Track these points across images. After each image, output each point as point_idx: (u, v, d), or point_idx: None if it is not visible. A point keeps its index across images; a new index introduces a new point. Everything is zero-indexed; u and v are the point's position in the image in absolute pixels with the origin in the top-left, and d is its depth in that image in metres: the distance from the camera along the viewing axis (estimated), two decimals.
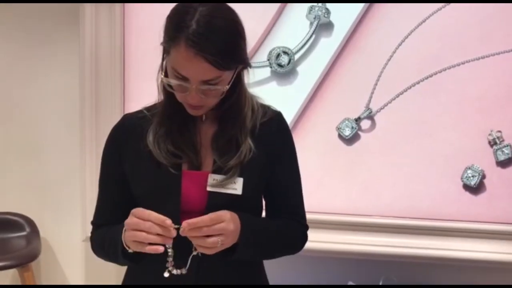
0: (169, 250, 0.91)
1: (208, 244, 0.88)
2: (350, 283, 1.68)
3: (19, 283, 1.79)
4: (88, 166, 1.70)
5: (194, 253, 0.93)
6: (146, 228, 0.88)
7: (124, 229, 0.94)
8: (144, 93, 1.57)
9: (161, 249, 0.88)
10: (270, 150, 1.02)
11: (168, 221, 0.88)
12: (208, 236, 0.89)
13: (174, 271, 0.92)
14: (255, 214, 1.06)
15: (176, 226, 0.88)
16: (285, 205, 1.05)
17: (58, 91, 1.83)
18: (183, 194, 0.97)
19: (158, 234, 0.88)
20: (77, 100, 1.73)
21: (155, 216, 0.88)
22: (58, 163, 1.85)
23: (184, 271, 0.93)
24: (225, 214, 0.91)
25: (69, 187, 1.84)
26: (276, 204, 1.05)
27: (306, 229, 1.09)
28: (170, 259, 0.91)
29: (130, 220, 0.90)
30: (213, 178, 0.98)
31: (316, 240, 1.11)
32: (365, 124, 1.67)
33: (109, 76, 1.69)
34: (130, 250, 0.93)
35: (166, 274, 0.92)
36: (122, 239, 0.93)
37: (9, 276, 1.89)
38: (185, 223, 0.88)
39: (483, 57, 1.61)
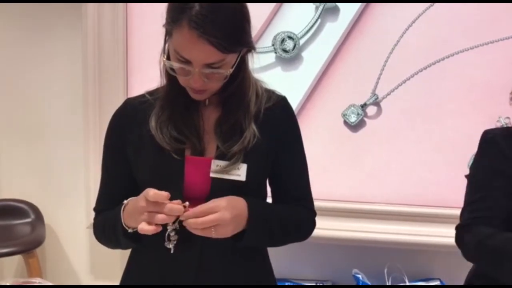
0: (170, 227, 0.91)
1: (202, 234, 0.88)
2: (355, 270, 1.68)
3: (25, 269, 1.79)
4: (92, 152, 1.70)
5: (173, 227, 0.92)
6: (165, 211, 0.87)
7: (122, 208, 0.93)
8: (148, 78, 1.57)
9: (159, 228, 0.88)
10: (275, 136, 1.01)
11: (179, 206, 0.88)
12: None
13: (170, 246, 0.92)
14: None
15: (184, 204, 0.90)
16: (292, 191, 1.04)
17: (61, 77, 1.82)
18: (186, 180, 0.96)
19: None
20: (80, 85, 1.72)
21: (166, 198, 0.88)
22: (62, 150, 1.85)
23: (171, 244, 0.93)
24: (219, 203, 0.90)
25: (73, 174, 1.84)
26: (282, 190, 1.04)
27: (314, 215, 1.08)
28: (173, 233, 0.92)
29: (144, 203, 0.88)
30: (216, 164, 0.97)
31: (320, 227, 1.11)
32: (371, 110, 1.66)
33: (112, 61, 1.68)
34: (130, 230, 0.92)
35: (169, 246, 0.92)
36: (122, 219, 0.92)
37: (15, 262, 1.90)
38: (182, 216, 0.88)
39: (492, 42, 1.59)
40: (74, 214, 1.84)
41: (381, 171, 1.66)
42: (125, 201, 0.93)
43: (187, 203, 0.89)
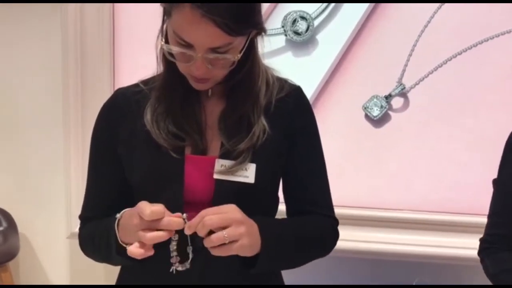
0: (174, 242, 0.91)
1: (214, 242, 0.87)
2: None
3: None
4: (73, 150, 1.70)
5: (188, 250, 0.93)
6: (162, 226, 0.87)
7: (117, 221, 0.93)
8: (139, 65, 1.59)
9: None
10: (287, 131, 1.01)
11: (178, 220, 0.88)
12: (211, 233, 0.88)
13: (180, 268, 0.93)
14: (270, 207, 1.07)
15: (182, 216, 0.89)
16: (308, 196, 1.04)
17: (38, 64, 1.81)
18: (187, 182, 0.97)
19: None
20: (59, 74, 1.72)
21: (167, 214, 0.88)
22: (38, 148, 1.85)
23: (187, 265, 0.93)
24: (228, 205, 0.90)
25: (51, 175, 1.84)
26: (297, 195, 1.05)
27: (337, 223, 1.09)
28: (175, 253, 0.92)
29: (138, 220, 0.88)
30: (220, 164, 0.97)
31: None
32: (397, 102, 1.66)
33: (96, 45, 1.67)
34: (127, 247, 0.92)
35: (174, 271, 0.92)
36: (117, 234, 0.93)
37: None
38: (186, 227, 0.88)
39: None
40: (52, 222, 1.84)
41: (407, 173, 1.66)
42: (118, 215, 0.94)
43: (185, 214, 0.89)
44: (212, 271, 0.97)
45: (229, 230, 0.87)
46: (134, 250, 0.88)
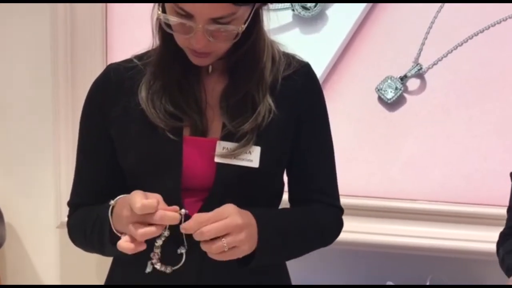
0: (162, 238, 0.90)
1: (214, 251, 0.88)
2: (389, 283, 1.68)
3: None
4: (63, 133, 1.69)
5: (181, 250, 0.92)
6: (155, 220, 0.86)
7: (110, 209, 0.93)
8: (133, 39, 1.58)
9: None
10: (295, 111, 1.01)
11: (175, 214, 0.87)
12: (213, 240, 0.88)
13: (158, 266, 0.92)
14: (275, 194, 1.07)
15: (180, 212, 0.88)
16: (314, 183, 1.04)
17: (25, 41, 1.80)
18: (185, 166, 0.96)
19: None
20: (48, 51, 1.71)
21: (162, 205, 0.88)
22: (26, 133, 1.84)
23: (169, 269, 0.93)
24: (227, 207, 0.90)
25: (40, 161, 1.83)
26: (301, 182, 1.05)
27: (341, 213, 1.09)
28: (158, 250, 0.91)
29: (129, 212, 0.87)
30: (222, 147, 0.97)
31: (346, 230, 1.12)
32: (413, 84, 1.65)
33: (87, 19, 1.66)
34: (122, 236, 0.91)
35: (148, 269, 0.92)
36: (111, 222, 0.92)
37: None
38: (182, 227, 0.87)
39: None
40: (40, 211, 1.84)
41: (422, 160, 1.65)
42: (112, 202, 0.93)
43: (183, 210, 0.88)
44: (210, 268, 0.97)
45: (229, 239, 0.87)
46: (124, 245, 0.87)
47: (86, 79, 1.60)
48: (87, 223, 0.99)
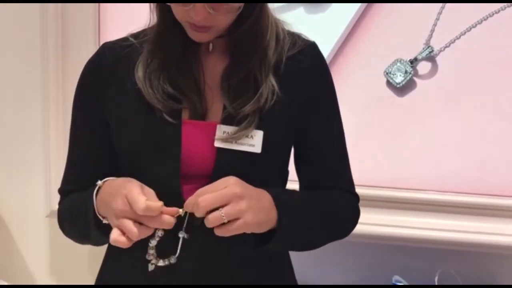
0: (156, 238, 0.88)
1: (212, 222, 0.86)
2: (397, 278, 1.68)
3: None
4: (53, 115, 1.69)
5: (181, 235, 0.90)
6: (153, 224, 0.85)
7: (95, 190, 0.91)
8: (128, 17, 1.57)
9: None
10: (300, 94, 1.00)
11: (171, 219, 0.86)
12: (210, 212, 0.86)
13: (160, 263, 0.91)
14: (278, 182, 1.06)
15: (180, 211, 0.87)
16: (325, 168, 1.03)
17: (13, 20, 1.77)
18: (184, 151, 0.95)
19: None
20: (37, 31, 1.70)
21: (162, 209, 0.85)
22: (13, 114, 1.82)
23: (173, 260, 0.91)
24: (227, 178, 0.89)
25: (29, 146, 1.82)
26: (312, 168, 1.04)
27: (357, 200, 1.09)
28: (152, 251, 0.89)
29: (125, 206, 0.85)
30: (222, 131, 0.96)
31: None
32: (424, 67, 1.63)
33: None
34: (104, 221, 0.91)
35: (150, 268, 0.91)
36: (94, 206, 0.91)
37: None
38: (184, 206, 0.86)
39: None
40: (29, 199, 1.84)
41: (434, 148, 1.64)
42: (99, 182, 0.92)
43: (180, 210, 0.86)
44: (210, 257, 0.97)
45: (227, 208, 0.85)
46: (119, 239, 0.85)
47: (78, 61, 1.58)
48: (74, 208, 0.99)
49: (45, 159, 1.72)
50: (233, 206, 0.85)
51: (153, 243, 0.88)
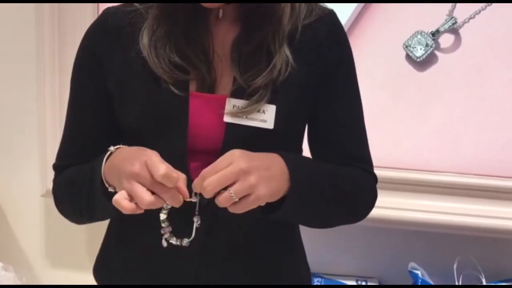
0: (164, 211, 0.88)
1: (223, 203, 0.85)
2: (412, 265, 1.69)
3: None
4: (48, 88, 1.69)
5: (196, 219, 0.91)
6: (165, 196, 0.83)
7: (106, 156, 0.91)
8: None
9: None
10: (317, 66, 0.99)
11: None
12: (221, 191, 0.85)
13: (173, 240, 0.91)
14: None
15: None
16: (343, 146, 1.02)
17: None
18: (191, 125, 0.95)
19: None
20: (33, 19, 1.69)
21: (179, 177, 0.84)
22: (6, 89, 1.82)
23: (186, 242, 0.91)
24: (230, 152, 0.87)
25: (22, 121, 1.82)
26: (327, 146, 1.03)
27: (376, 181, 1.08)
28: (165, 224, 0.89)
29: (142, 171, 0.83)
30: (233, 104, 0.95)
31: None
32: (446, 40, 1.62)
33: None
34: (110, 189, 0.90)
35: (164, 244, 0.91)
36: (102, 169, 0.90)
37: None
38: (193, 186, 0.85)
39: None
40: (24, 178, 1.85)
41: (455, 128, 1.64)
42: (111, 148, 0.91)
43: (193, 197, 0.86)
44: (217, 236, 0.97)
45: (236, 187, 0.84)
46: (124, 203, 0.83)
47: (75, 31, 1.61)
48: (76, 178, 0.97)
49: (40, 136, 1.73)
50: (242, 183, 0.84)
51: (163, 216, 0.88)
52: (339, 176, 0.99)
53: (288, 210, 0.90)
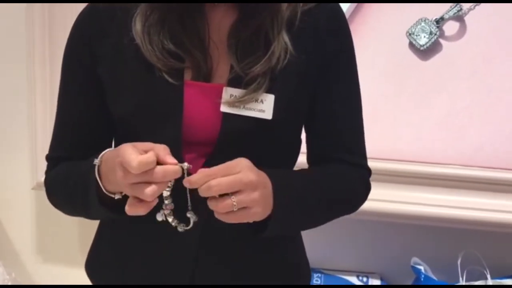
0: (167, 188, 0.87)
1: (221, 209, 0.85)
2: (415, 260, 1.70)
3: None
4: (39, 76, 1.69)
5: (190, 215, 0.90)
6: (157, 178, 0.83)
7: (96, 168, 0.90)
8: None
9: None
10: (316, 54, 0.98)
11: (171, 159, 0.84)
12: (221, 196, 0.85)
13: (170, 219, 0.90)
14: (290, 152, 1.06)
15: (182, 166, 0.85)
16: (338, 138, 1.03)
17: None
18: (186, 115, 0.94)
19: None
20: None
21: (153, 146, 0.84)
22: None
23: (182, 227, 0.91)
24: (240, 161, 0.87)
25: (12, 111, 1.82)
26: (323, 137, 1.03)
27: (369, 174, 1.08)
28: (169, 200, 0.88)
29: (124, 173, 0.83)
30: (229, 93, 0.95)
31: (369, 197, 1.11)
32: (451, 28, 1.62)
33: None
34: (116, 196, 0.90)
35: (159, 218, 0.90)
36: (100, 184, 0.90)
37: None
38: (185, 180, 0.84)
39: None
40: (14, 170, 1.85)
41: (459, 119, 1.64)
42: (96, 160, 0.90)
43: (185, 164, 0.85)
44: (215, 227, 0.95)
45: (241, 197, 0.84)
46: (137, 209, 0.84)
47: (66, 16, 1.61)
48: (69, 183, 0.98)
49: (31, 126, 1.73)
50: (248, 195, 0.84)
51: (165, 193, 0.87)
52: (327, 185, 1.00)
53: (274, 230, 0.91)
